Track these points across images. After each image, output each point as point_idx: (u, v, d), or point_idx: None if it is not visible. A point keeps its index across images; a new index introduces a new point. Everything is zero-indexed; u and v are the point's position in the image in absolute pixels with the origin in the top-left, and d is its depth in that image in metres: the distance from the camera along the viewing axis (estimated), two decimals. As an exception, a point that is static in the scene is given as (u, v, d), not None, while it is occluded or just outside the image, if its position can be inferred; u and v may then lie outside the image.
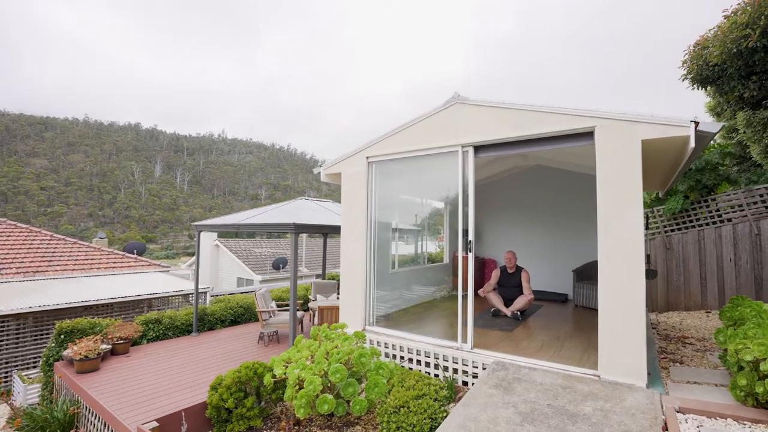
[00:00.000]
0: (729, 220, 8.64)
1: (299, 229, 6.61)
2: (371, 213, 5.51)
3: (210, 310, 9.17)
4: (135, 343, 7.63)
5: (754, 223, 8.35)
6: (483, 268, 8.88)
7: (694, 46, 10.08)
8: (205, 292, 14.19)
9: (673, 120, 3.46)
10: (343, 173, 5.77)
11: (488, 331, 5.50)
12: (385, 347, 5.06)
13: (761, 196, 8.38)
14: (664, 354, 4.75)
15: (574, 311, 7.13)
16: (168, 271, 17.11)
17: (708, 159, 8.76)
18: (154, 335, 7.92)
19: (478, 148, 4.67)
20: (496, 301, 6.44)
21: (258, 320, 9.70)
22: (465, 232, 4.61)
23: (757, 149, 10.94)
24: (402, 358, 4.89)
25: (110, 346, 6.79)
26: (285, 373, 3.76)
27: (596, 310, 7.46)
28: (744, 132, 11.11)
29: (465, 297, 4.63)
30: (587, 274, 7.82)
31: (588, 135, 4.00)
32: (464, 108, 4.69)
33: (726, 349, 3.81)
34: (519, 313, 6.22)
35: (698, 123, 3.34)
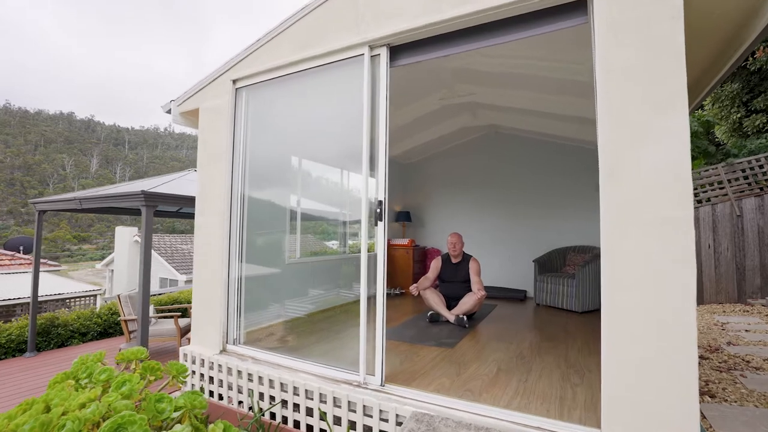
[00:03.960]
0: (708, 200, 7.45)
1: (152, 200, 4.49)
2: (241, 167, 3.52)
3: (63, 320, 6.77)
4: None
5: (735, 202, 7.18)
6: (424, 259, 7.12)
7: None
8: (95, 296, 11.55)
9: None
10: (201, 109, 3.74)
11: (419, 348, 3.68)
12: (249, 381, 3.10)
13: (743, 171, 7.23)
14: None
15: (536, 312, 5.51)
16: (58, 270, 14.18)
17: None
18: (-45, 360, 5.49)
19: (396, 49, 2.82)
20: (435, 301, 4.66)
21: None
22: (379, 202, 2.77)
23: (723, 127, 10.05)
24: (272, 399, 2.96)
25: None
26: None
27: (563, 310, 5.90)
28: (710, 109, 10.26)
29: (372, 298, 2.78)
30: (551, 266, 6.26)
31: (579, 5, 2.26)
32: (374, -16, 2.83)
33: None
34: (466, 317, 4.47)
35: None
